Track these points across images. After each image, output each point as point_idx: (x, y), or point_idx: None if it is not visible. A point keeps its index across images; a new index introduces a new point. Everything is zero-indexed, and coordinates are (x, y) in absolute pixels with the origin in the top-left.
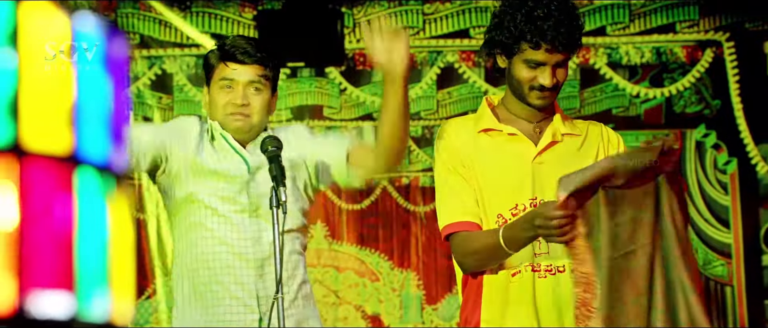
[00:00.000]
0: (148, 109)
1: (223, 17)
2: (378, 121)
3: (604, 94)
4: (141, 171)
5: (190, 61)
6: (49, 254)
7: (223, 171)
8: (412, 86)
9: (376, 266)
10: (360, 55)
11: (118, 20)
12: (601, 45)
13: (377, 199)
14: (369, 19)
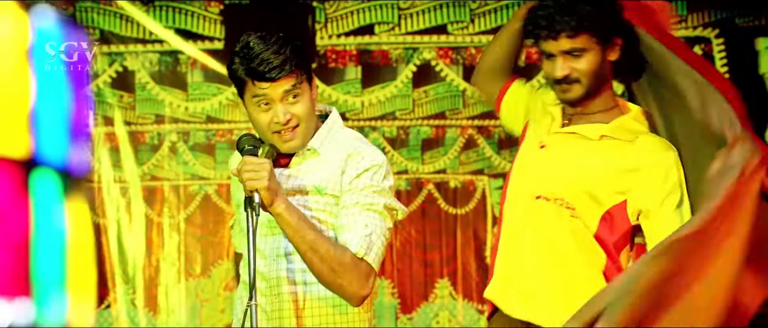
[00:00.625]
0: (108, 108)
1: (189, 12)
2: None
3: None
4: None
5: (153, 57)
6: (5, 258)
7: None
8: (387, 85)
9: None
10: (332, 51)
11: (76, 15)
12: None
13: None
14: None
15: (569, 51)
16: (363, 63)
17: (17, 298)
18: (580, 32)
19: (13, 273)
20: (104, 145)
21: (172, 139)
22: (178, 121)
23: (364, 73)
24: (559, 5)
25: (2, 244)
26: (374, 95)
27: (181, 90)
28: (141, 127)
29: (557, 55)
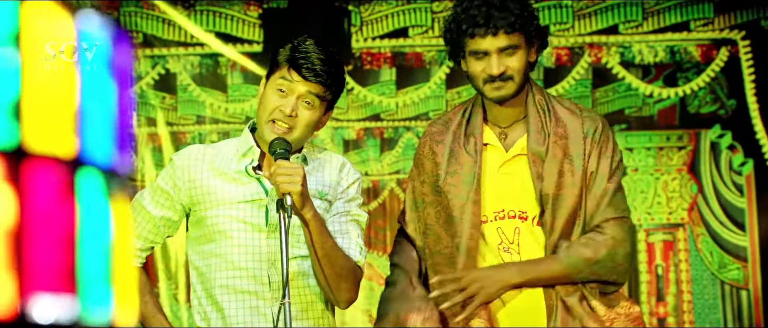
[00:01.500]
0: (151, 109)
1: (228, 15)
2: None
3: (616, 94)
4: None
5: (194, 60)
6: (51, 256)
7: (239, 198)
8: (421, 86)
9: (384, 270)
10: (367, 54)
11: (120, 18)
12: (613, 44)
13: (385, 201)
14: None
15: (505, 48)
16: (397, 65)
17: (63, 294)
18: (516, 29)
19: (59, 270)
20: (147, 145)
21: (213, 140)
22: (219, 122)
23: (399, 75)
24: (492, 3)
25: (49, 242)
26: (408, 96)
27: (222, 92)
28: (182, 127)
29: (493, 52)
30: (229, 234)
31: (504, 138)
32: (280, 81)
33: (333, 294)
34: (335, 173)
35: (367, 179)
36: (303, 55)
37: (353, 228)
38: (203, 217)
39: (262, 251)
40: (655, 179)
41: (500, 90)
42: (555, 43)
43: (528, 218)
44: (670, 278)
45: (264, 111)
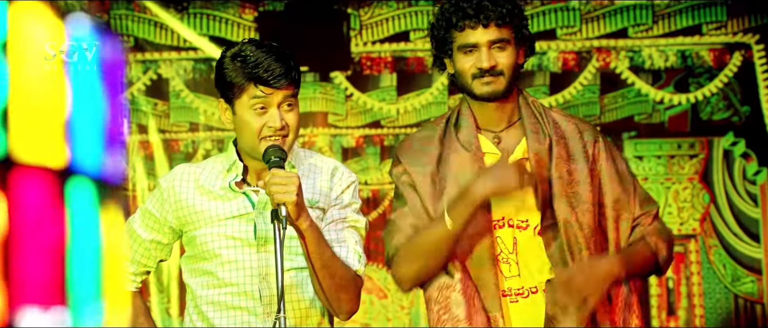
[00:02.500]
0: (142, 116)
1: (223, 19)
2: None
3: (625, 100)
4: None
5: (187, 65)
6: (41, 267)
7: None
8: (422, 92)
9: (383, 283)
10: (367, 59)
11: (110, 22)
12: (622, 48)
13: (385, 211)
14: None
15: (496, 41)
16: (398, 70)
17: (53, 307)
18: (507, 23)
19: (49, 282)
20: (138, 153)
21: (207, 148)
22: (213, 129)
23: (400, 81)
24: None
25: (38, 252)
26: (409, 103)
27: (216, 98)
28: (175, 135)
29: (483, 45)
30: (217, 252)
31: (497, 142)
32: (253, 101)
33: (333, 306)
34: (326, 180)
35: (367, 189)
36: (262, 68)
37: (351, 235)
38: (193, 236)
39: (253, 265)
40: (666, 189)
41: (490, 85)
42: (562, 47)
43: (529, 227)
44: (682, 292)
45: (250, 134)
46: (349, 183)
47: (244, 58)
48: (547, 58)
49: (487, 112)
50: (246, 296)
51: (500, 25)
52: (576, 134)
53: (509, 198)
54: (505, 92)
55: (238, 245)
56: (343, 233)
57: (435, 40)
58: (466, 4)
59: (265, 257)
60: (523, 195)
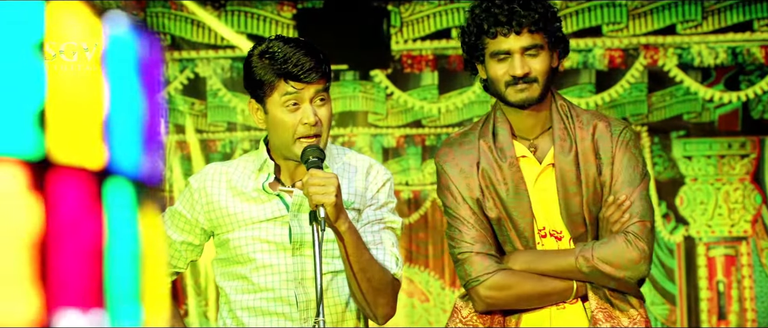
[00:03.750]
0: (179, 116)
1: (261, 16)
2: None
3: (674, 99)
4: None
5: (224, 63)
6: (78, 270)
7: (260, 217)
8: (465, 90)
9: (425, 286)
10: (408, 57)
11: (147, 20)
12: (670, 45)
13: (426, 212)
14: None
15: (529, 48)
16: (440, 68)
17: (91, 309)
18: (539, 29)
19: (86, 284)
20: (175, 153)
21: (245, 148)
22: (251, 129)
23: (441, 79)
24: (516, 2)
25: (76, 255)
26: (451, 101)
27: None
28: (213, 135)
29: (516, 52)
30: (252, 256)
31: (534, 151)
32: (285, 97)
33: (370, 310)
34: (362, 179)
35: (408, 189)
36: (291, 63)
37: (388, 237)
38: (226, 239)
39: (288, 270)
40: (716, 190)
41: (523, 92)
42: (608, 45)
43: (563, 237)
44: (733, 295)
45: (285, 133)
46: (384, 181)
47: (272, 55)
48: (593, 55)
49: (522, 118)
50: (282, 302)
51: (533, 32)
52: (607, 133)
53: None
54: (540, 99)
55: (273, 248)
56: (379, 234)
57: (466, 45)
58: (497, 10)
59: (300, 261)
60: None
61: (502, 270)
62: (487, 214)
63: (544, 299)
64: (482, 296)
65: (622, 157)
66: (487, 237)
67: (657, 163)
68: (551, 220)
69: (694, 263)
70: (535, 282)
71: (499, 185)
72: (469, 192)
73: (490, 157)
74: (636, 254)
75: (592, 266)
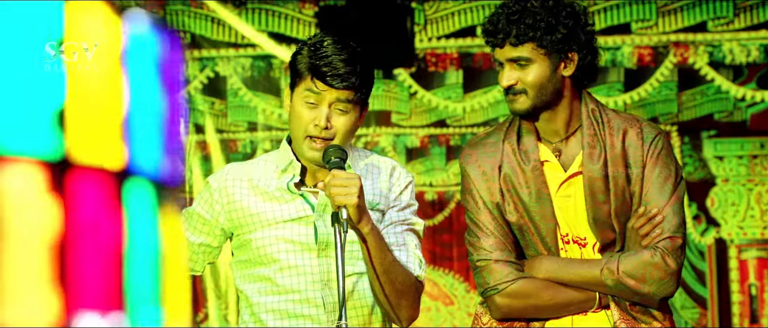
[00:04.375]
0: (199, 115)
1: (282, 14)
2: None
3: (705, 98)
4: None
5: (245, 62)
6: (98, 271)
7: (284, 217)
8: (490, 89)
9: (450, 289)
10: (432, 55)
11: (166, 18)
12: (701, 42)
13: (451, 214)
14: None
15: (515, 59)
16: (464, 67)
17: (111, 311)
18: (525, 41)
19: (106, 286)
20: (195, 154)
21: (266, 148)
22: (272, 129)
23: (466, 78)
24: (508, 13)
25: (95, 256)
26: (476, 101)
27: (275, 96)
28: (233, 135)
29: (505, 63)
30: (276, 256)
31: (558, 155)
32: (306, 93)
33: (394, 312)
34: (386, 180)
35: (432, 191)
36: (325, 62)
37: (411, 239)
38: (247, 240)
39: (314, 271)
40: (748, 191)
41: (513, 103)
42: (637, 42)
43: (587, 244)
44: (765, 299)
45: (298, 127)
46: (407, 183)
47: (316, 49)
48: (622, 53)
49: (540, 124)
50: (309, 304)
51: (515, 44)
52: (638, 140)
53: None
54: (533, 110)
55: (298, 249)
56: (402, 235)
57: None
58: (488, 24)
59: (326, 262)
60: (578, 213)
61: (522, 278)
62: (507, 218)
63: (562, 310)
64: (499, 305)
65: (653, 167)
66: (506, 244)
67: (687, 163)
68: (575, 226)
69: (725, 266)
70: (555, 292)
71: (522, 188)
72: (490, 195)
73: (513, 160)
74: (663, 271)
75: (616, 279)
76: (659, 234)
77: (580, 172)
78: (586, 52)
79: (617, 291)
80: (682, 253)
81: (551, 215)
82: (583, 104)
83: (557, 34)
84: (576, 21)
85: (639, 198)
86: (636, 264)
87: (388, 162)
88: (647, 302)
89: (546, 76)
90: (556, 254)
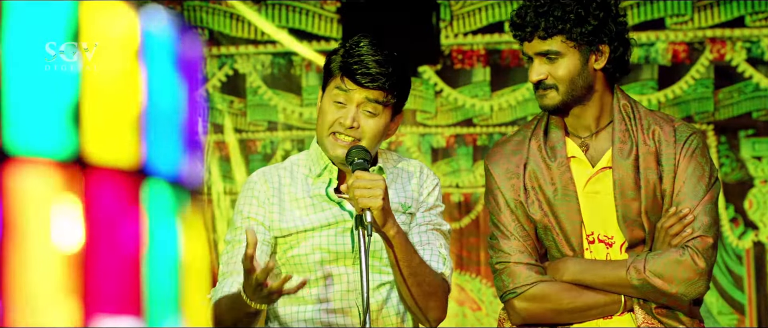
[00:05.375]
0: (217, 114)
1: (303, 10)
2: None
3: (742, 96)
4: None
5: (265, 59)
6: (115, 275)
7: (322, 222)
8: (518, 87)
9: (477, 294)
10: (458, 51)
11: (184, 14)
12: (739, 38)
13: (478, 216)
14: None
15: (543, 53)
16: (492, 64)
17: (128, 315)
18: (554, 34)
19: (124, 289)
20: (214, 154)
21: (286, 148)
22: (293, 129)
23: (493, 75)
24: (536, 6)
25: (113, 260)
26: (504, 99)
27: (296, 94)
28: (252, 134)
29: (534, 57)
30: (311, 266)
31: (586, 150)
32: (336, 91)
33: (422, 314)
34: (416, 182)
35: (458, 192)
36: (356, 60)
37: (436, 238)
38: (279, 245)
39: (349, 279)
40: None
41: (542, 99)
42: (672, 38)
43: (614, 243)
44: None
45: (323, 125)
46: (435, 185)
47: (351, 49)
48: (655, 50)
49: (569, 119)
50: (343, 314)
51: (544, 38)
52: (671, 139)
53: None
54: (564, 106)
55: (333, 258)
56: (427, 235)
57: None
58: (515, 14)
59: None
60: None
61: (542, 282)
62: (531, 217)
63: (584, 314)
64: (518, 309)
65: (686, 166)
66: (527, 247)
67: (724, 164)
68: (602, 225)
69: (764, 270)
70: (575, 295)
71: (547, 185)
72: (514, 193)
73: (538, 157)
74: (692, 271)
75: (643, 278)
76: (689, 233)
77: (609, 167)
78: (617, 45)
79: (644, 292)
80: (712, 253)
81: (577, 213)
82: (614, 99)
83: (587, 25)
84: (607, 12)
85: (670, 197)
86: (663, 263)
87: (417, 164)
88: (675, 304)
89: (577, 69)
90: (580, 254)
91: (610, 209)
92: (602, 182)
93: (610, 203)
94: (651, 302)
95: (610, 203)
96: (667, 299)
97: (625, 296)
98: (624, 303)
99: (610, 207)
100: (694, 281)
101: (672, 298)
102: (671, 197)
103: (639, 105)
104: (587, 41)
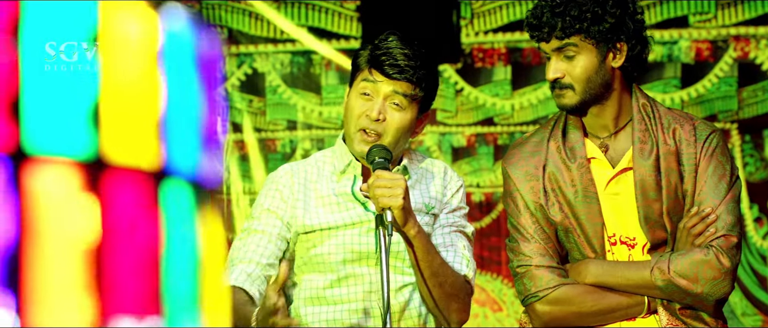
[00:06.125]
0: (236, 114)
1: (322, 8)
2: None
3: (766, 94)
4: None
5: (284, 58)
6: (134, 275)
7: (345, 221)
8: (539, 86)
9: (498, 294)
10: (479, 50)
11: (203, 12)
12: (763, 36)
13: (499, 216)
14: None
15: (561, 49)
16: (513, 62)
17: (148, 317)
18: (572, 33)
19: (142, 291)
20: (233, 153)
21: (306, 147)
22: (312, 128)
23: (515, 74)
24: (552, 6)
25: (132, 260)
26: (526, 98)
27: (315, 93)
28: (272, 134)
29: (551, 55)
30: (333, 266)
31: (605, 151)
32: (363, 84)
33: (444, 316)
34: (440, 183)
35: (479, 192)
36: (384, 52)
37: (459, 239)
38: (300, 243)
39: (372, 280)
40: None
41: (560, 98)
42: (695, 36)
43: (637, 245)
44: None
45: (350, 120)
46: (458, 186)
47: (379, 43)
48: (678, 48)
49: (587, 119)
50: (365, 315)
51: (562, 37)
52: (691, 138)
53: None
54: (581, 105)
55: (356, 258)
56: (449, 236)
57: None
58: (531, 14)
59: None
60: (627, 211)
61: (564, 285)
62: (551, 219)
63: (607, 317)
64: (540, 313)
65: (707, 165)
66: (548, 249)
67: (748, 163)
68: (624, 226)
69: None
70: (598, 298)
71: (567, 187)
72: (533, 196)
73: (557, 158)
74: (717, 270)
75: (667, 279)
76: (713, 233)
77: (630, 168)
78: (635, 42)
79: (668, 293)
80: (737, 252)
81: (598, 214)
82: (633, 98)
83: (605, 23)
84: (624, 10)
85: (692, 197)
86: (688, 263)
87: (440, 164)
88: (700, 305)
89: (594, 67)
90: (601, 255)
91: (632, 210)
92: (623, 182)
93: (632, 204)
94: (675, 303)
95: (631, 204)
96: (691, 299)
97: (648, 297)
98: (647, 305)
99: (632, 208)
100: (719, 280)
101: (697, 298)
102: (692, 197)
103: (658, 104)
104: (604, 39)
